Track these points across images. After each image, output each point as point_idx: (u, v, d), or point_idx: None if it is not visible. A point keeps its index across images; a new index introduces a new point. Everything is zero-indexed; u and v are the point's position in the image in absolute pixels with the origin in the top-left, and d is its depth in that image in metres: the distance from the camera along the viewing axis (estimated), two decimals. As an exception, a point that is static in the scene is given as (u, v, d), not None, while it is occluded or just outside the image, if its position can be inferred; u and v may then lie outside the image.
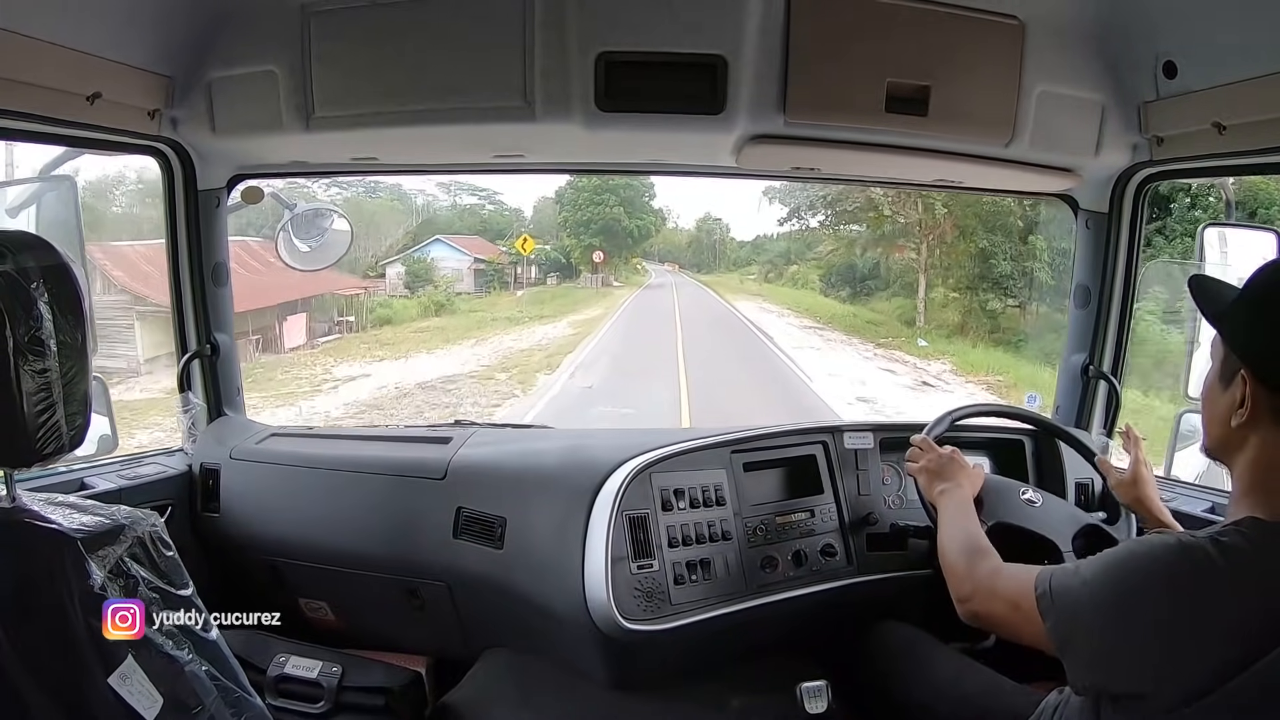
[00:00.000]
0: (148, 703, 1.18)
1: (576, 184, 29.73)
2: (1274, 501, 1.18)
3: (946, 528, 1.68)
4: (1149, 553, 1.19)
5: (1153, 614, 1.14)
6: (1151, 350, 8.07)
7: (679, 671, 2.00)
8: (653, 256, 40.69)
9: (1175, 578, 1.14)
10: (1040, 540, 1.88)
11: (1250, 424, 1.20)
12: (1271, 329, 1.21)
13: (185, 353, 2.37)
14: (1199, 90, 1.82)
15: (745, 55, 1.85)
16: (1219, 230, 2.30)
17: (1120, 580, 1.18)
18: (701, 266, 40.17)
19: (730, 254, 39.57)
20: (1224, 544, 1.13)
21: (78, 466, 2.12)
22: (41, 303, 1.14)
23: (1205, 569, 1.12)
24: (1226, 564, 1.12)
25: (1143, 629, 1.14)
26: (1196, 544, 1.14)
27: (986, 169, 2.13)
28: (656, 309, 27.40)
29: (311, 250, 2.54)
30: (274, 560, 2.29)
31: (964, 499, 1.75)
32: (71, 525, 1.19)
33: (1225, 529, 1.16)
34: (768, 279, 34.02)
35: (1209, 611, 1.11)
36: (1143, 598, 1.15)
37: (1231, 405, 1.22)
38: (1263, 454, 1.20)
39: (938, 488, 1.81)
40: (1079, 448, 2.17)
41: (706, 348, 18.63)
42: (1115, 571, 1.20)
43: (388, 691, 2.00)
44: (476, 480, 2.13)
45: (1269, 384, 1.19)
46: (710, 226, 40.36)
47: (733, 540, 2.01)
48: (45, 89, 1.66)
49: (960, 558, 1.54)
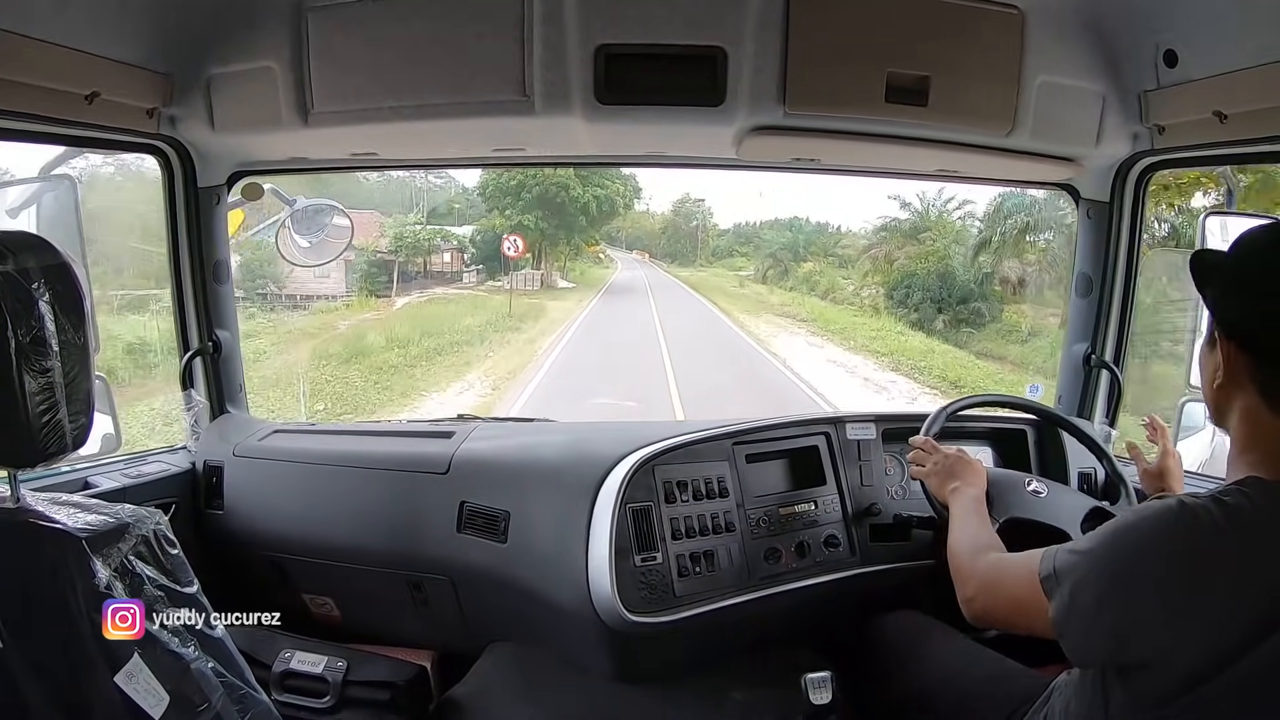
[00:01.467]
0: (154, 701, 1.18)
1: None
2: (1269, 460, 1.19)
3: (956, 528, 1.67)
4: (1149, 515, 1.18)
5: (1152, 572, 1.13)
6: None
7: (683, 664, 2.00)
8: (619, 242, 34.93)
9: (1174, 536, 1.14)
10: (1051, 530, 1.88)
11: (1230, 384, 1.23)
12: (1239, 289, 1.24)
13: (187, 350, 2.37)
14: (1200, 79, 1.82)
15: (745, 47, 1.85)
16: (1221, 219, 2.29)
17: (1120, 545, 1.18)
18: (677, 257, 34.51)
19: (710, 242, 34.48)
20: (1226, 503, 1.13)
21: (81, 466, 2.12)
22: (43, 303, 1.14)
23: (1206, 527, 1.12)
24: (1229, 523, 1.11)
25: (1143, 588, 1.13)
26: (1198, 504, 1.14)
27: (987, 159, 2.12)
28: (628, 355, 16.61)
29: (312, 246, 2.54)
30: (278, 556, 2.29)
31: (975, 498, 1.75)
32: (76, 524, 1.19)
33: (1228, 488, 1.16)
34: (767, 279, 28.38)
35: (1210, 569, 1.11)
36: (1141, 557, 1.15)
37: (1215, 367, 1.25)
38: (1246, 413, 1.22)
39: (949, 486, 1.81)
40: (1081, 437, 2.17)
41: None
42: (1114, 537, 1.20)
43: (393, 686, 2.00)
44: (479, 474, 2.13)
45: (1236, 342, 1.22)
46: (690, 210, 35.06)
47: (736, 532, 2.01)
48: (43, 89, 1.65)
49: (965, 557, 1.54)
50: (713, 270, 31.85)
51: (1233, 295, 1.25)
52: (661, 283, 30.20)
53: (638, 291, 27.91)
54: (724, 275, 31.21)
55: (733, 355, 17.65)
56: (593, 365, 15.65)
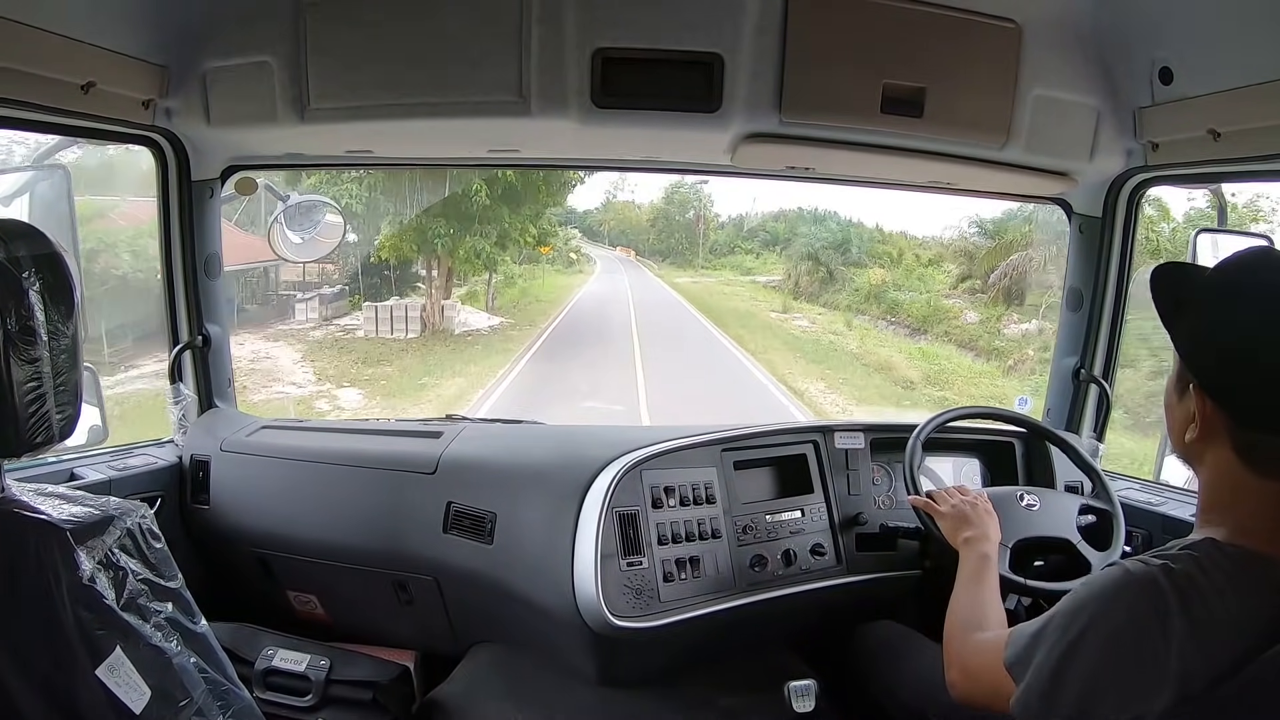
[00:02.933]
0: (135, 695, 1.17)
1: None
2: (1229, 522, 1.11)
3: (961, 585, 1.62)
4: (1095, 587, 1.12)
5: (1102, 645, 1.08)
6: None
7: (667, 669, 2.00)
8: (600, 237, 29.88)
9: (1120, 607, 1.08)
10: (1053, 542, 1.91)
11: (1203, 440, 1.13)
12: (1218, 338, 1.11)
13: (177, 344, 2.36)
14: (1194, 96, 1.83)
15: (742, 53, 1.85)
16: (1212, 236, 2.30)
17: (1071, 621, 1.12)
18: (670, 255, 27.51)
19: (710, 235, 27.94)
20: (1174, 571, 1.06)
21: (67, 457, 2.11)
22: (33, 292, 1.14)
23: (1152, 597, 1.05)
24: (1175, 593, 1.04)
25: (1096, 661, 1.08)
26: (1145, 572, 1.07)
27: (981, 172, 2.13)
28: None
29: (304, 242, 2.54)
30: (263, 553, 2.29)
31: (986, 556, 1.69)
32: (60, 516, 1.19)
33: (1180, 553, 1.09)
34: (799, 287, 20.77)
35: (1157, 638, 1.03)
36: (1091, 630, 1.09)
37: (1187, 418, 1.14)
38: (1216, 473, 1.13)
39: (963, 534, 1.75)
40: (1069, 451, 2.18)
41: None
42: (1065, 614, 1.14)
43: (376, 685, 1.99)
44: (467, 475, 2.13)
45: (1221, 404, 1.10)
46: (685, 198, 28.66)
47: (722, 538, 2.01)
48: (38, 77, 1.65)
49: (956, 633, 1.47)
50: (719, 275, 25.26)
51: (1209, 346, 1.12)
52: (652, 299, 22.26)
53: (613, 326, 18.62)
54: (736, 283, 24.41)
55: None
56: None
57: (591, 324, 18.15)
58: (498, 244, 16.84)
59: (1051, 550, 1.92)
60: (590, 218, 30.75)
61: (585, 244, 28.76)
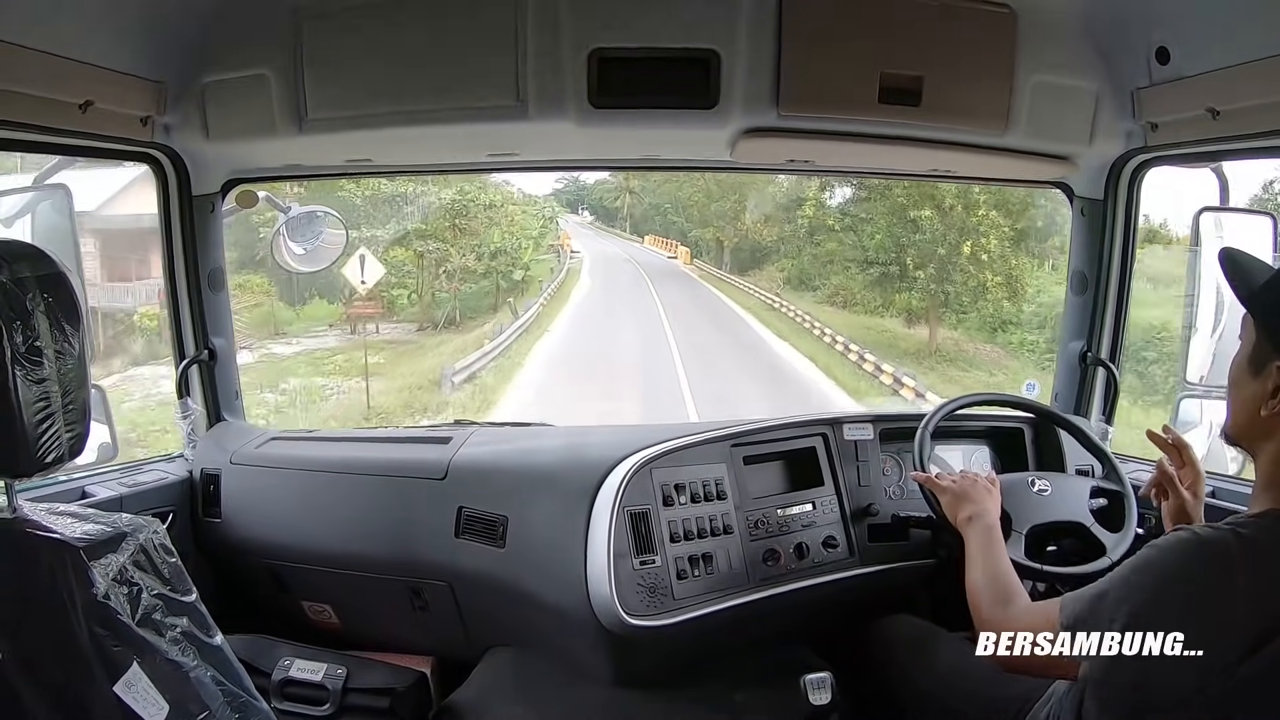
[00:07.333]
0: (154, 710, 1.18)
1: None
2: None
3: (974, 562, 1.63)
4: (1165, 549, 1.16)
5: (1175, 606, 1.12)
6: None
7: (682, 666, 2.00)
8: (617, 219, 20.90)
9: (1192, 569, 1.12)
10: (1068, 525, 1.91)
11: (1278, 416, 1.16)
12: None
13: (183, 358, 2.37)
14: (1192, 76, 1.82)
15: (738, 49, 1.85)
16: (1215, 215, 2.29)
17: (1139, 583, 1.16)
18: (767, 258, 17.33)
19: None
20: (1244, 535, 1.11)
21: (78, 475, 2.12)
22: (39, 312, 1.14)
23: (1223, 559, 1.10)
24: (1244, 555, 1.09)
25: (1167, 622, 1.11)
26: (1215, 535, 1.12)
27: (981, 158, 2.13)
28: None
29: (306, 253, 2.54)
30: (276, 564, 2.29)
31: (990, 527, 1.70)
32: (73, 534, 1.19)
33: (1247, 520, 1.14)
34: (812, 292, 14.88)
35: (1227, 600, 1.09)
36: (1161, 591, 1.13)
37: (1262, 395, 1.18)
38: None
39: (964, 512, 1.76)
40: (1079, 435, 2.17)
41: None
42: (1132, 575, 1.18)
43: (392, 692, 2.00)
44: (477, 479, 2.13)
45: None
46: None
47: (734, 534, 2.01)
48: (36, 98, 1.65)
49: (989, 608, 1.49)
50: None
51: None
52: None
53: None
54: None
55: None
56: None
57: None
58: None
59: (1065, 534, 1.91)
60: (602, 189, 21.22)
61: (589, 233, 19.38)
